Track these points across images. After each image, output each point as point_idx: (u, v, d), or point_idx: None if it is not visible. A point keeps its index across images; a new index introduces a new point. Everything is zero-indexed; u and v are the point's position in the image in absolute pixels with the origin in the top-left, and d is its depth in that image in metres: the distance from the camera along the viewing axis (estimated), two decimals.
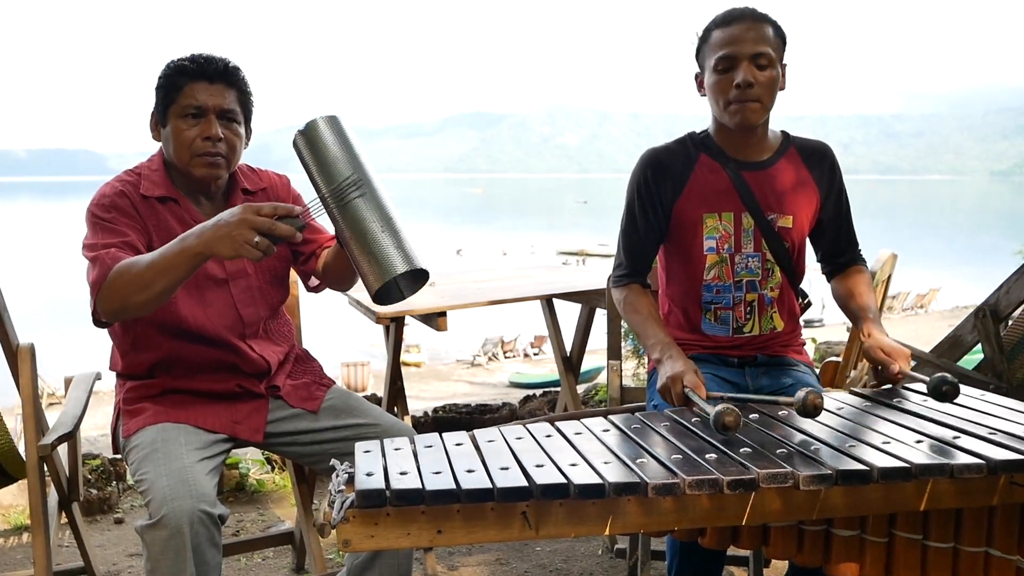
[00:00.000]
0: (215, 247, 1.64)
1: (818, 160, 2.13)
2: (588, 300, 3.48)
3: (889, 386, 1.86)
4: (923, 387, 1.73)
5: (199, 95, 1.93)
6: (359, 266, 1.63)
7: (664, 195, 2.08)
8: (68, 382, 2.49)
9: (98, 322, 1.86)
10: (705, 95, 2.07)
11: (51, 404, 14.06)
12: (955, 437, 1.48)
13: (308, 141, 1.67)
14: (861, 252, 2.23)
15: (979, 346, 3.59)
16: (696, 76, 2.10)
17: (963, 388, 1.81)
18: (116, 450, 2.05)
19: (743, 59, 1.96)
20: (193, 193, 2.00)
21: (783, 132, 2.15)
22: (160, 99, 1.97)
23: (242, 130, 2.00)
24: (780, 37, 2.02)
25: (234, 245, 1.62)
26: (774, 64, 1.99)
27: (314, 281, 2.12)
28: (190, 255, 1.67)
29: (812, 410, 1.59)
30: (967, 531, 1.44)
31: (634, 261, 2.15)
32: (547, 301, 3.65)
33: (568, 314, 3.81)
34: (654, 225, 2.11)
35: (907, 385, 1.84)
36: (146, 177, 1.98)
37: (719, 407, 1.49)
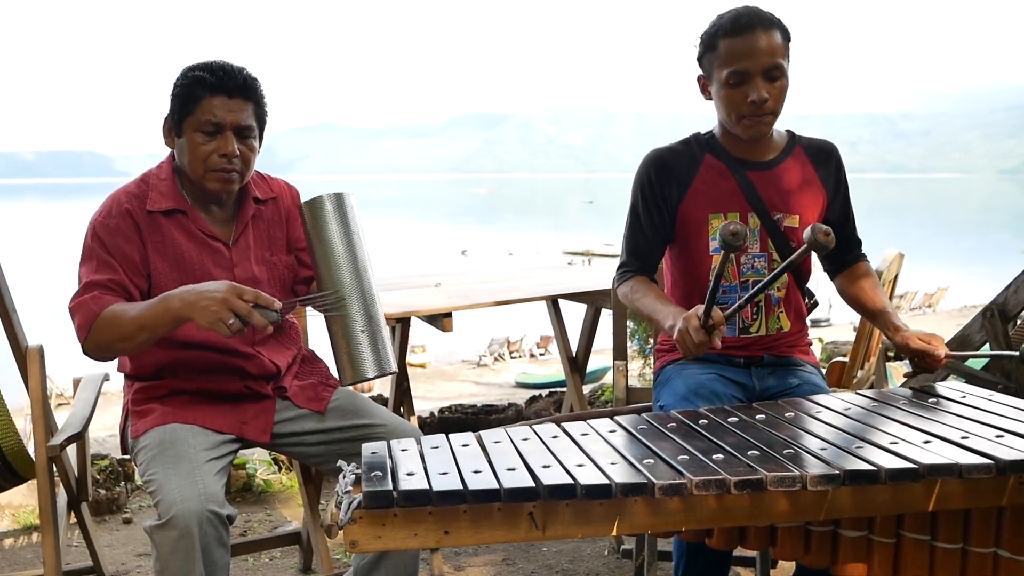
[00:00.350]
0: (194, 315, 1.74)
1: (824, 159, 2.12)
2: (594, 300, 3.48)
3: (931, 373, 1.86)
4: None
5: (217, 111, 1.91)
6: (336, 354, 1.80)
7: (669, 195, 2.08)
8: (76, 383, 2.50)
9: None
10: (710, 99, 2.05)
11: (60, 404, 14.11)
12: (963, 437, 1.47)
13: (313, 217, 1.80)
14: (863, 250, 2.22)
15: (987, 346, 3.58)
16: (699, 79, 2.06)
17: (970, 388, 1.80)
18: (125, 451, 2.06)
19: (756, 74, 1.93)
20: (203, 202, 2.00)
21: (788, 131, 2.14)
22: (176, 109, 1.95)
23: (257, 143, 2.00)
24: (786, 38, 1.99)
25: (210, 320, 1.72)
26: (784, 72, 1.96)
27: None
28: (172, 316, 1.78)
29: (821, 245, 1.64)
30: (976, 532, 1.44)
31: (640, 261, 2.13)
32: (552, 301, 3.65)
33: (574, 314, 3.81)
34: (659, 225, 2.10)
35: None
36: (154, 187, 1.97)
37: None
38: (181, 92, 1.93)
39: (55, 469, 2.23)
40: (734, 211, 2.05)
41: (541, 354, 22.94)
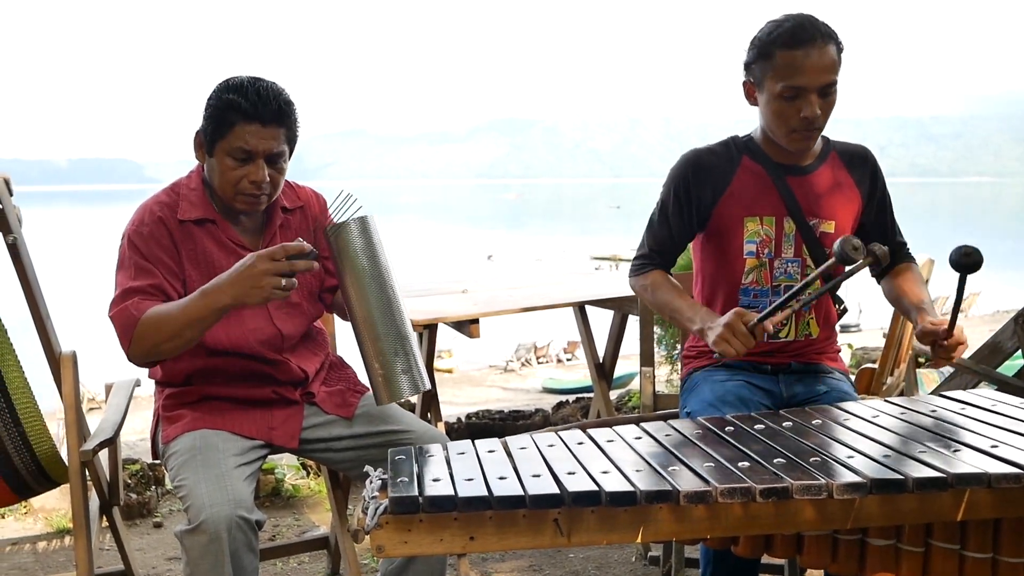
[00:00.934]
0: (245, 298, 1.75)
1: (859, 164, 2.11)
2: (621, 307, 3.48)
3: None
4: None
5: (250, 139, 1.89)
6: (372, 377, 1.82)
7: (703, 197, 2.07)
8: (108, 388, 2.54)
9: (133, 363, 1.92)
10: (755, 105, 2.03)
11: (91, 409, 14.29)
12: (993, 446, 1.46)
13: (337, 242, 1.81)
14: (909, 250, 2.20)
15: (1019, 352, 3.53)
16: (746, 84, 2.03)
17: (1002, 396, 1.78)
18: (155, 456, 2.09)
19: (811, 91, 1.91)
20: (232, 213, 2.01)
21: (824, 137, 2.13)
22: (208, 129, 1.93)
23: (286, 164, 1.99)
24: (840, 50, 1.94)
25: (263, 293, 1.73)
26: (836, 87, 1.94)
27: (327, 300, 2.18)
28: (220, 307, 1.78)
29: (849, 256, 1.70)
30: (1006, 541, 1.42)
31: (661, 255, 2.13)
32: (579, 307, 3.65)
33: (601, 320, 3.80)
34: (687, 225, 2.09)
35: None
36: (184, 197, 1.98)
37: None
38: (214, 115, 1.91)
39: (87, 474, 2.27)
40: (770, 215, 2.04)
41: (568, 359, 22.87)
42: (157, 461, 2.22)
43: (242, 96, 1.88)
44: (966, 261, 1.70)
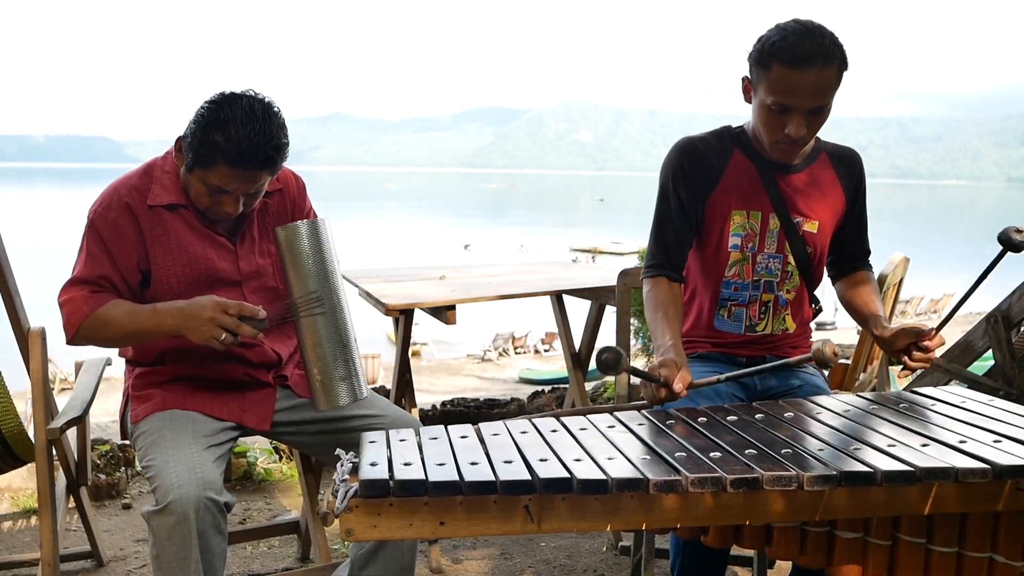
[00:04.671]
0: (186, 333, 1.82)
1: (848, 167, 2.11)
2: (597, 296, 3.48)
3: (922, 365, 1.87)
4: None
5: (231, 182, 1.83)
6: (311, 382, 1.85)
7: (700, 185, 2.05)
8: (79, 367, 2.51)
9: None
10: (751, 103, 2.00)
11: (63, 390, 14.16)
12: (961, 441, 1.47)
13: (286, 243, 1.81)
14: (870, 258, 2.22)
15: (990, 352, 3.57)
16: (745, 81, 1.98)
17: (971, 393, 1.80)
18: (124, 436, 2.06)
19: (799, 112, 1.88)
20: None
21: (815, 137, 2.12)
22: (190, 153, 1.84)
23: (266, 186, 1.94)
24: (843, 69, 1.89)
25: (201, 337, 1.81)
26: (829, 106, 1.91)
27: None
28: (164, 331, 1.86)
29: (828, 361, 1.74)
30: (971, 536, 1.44)
31: (668, 253, 2.07)
32: (557, 297, 3.65)
33: (578, 310, 3.80)
34: (691, 214, 2.05)
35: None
36: (157, 180, 1.93)
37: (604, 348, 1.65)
38: (198, 146, 1.81)
39: (55, 452, 2.24)
40: (757, 210, 2.04)
41: (546, 350, 22.92)
42: (127, 442, 2.20)
43: (230, 142, 1.77)
44: (1018, 239, 1.76)
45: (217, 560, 1.76)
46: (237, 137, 1.77)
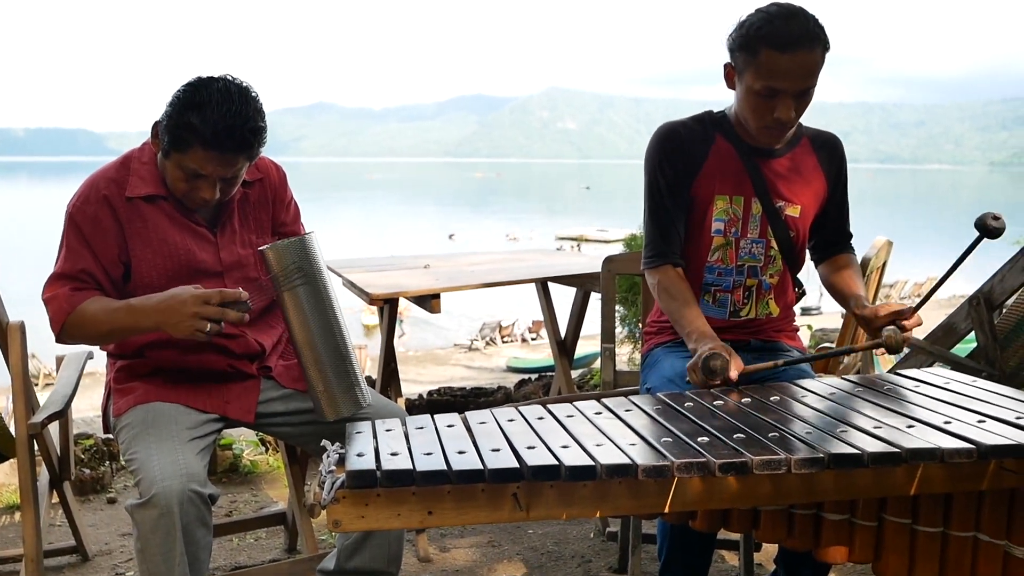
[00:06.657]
0: (168, 329, 1.77)
1: (829, 152, 2.12)
2: (583, 284, 3.48)
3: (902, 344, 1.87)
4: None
5: (206, 165, 1.80)
6: (312, 394, 1.83)
7: (685, 170, 2.05)
8: (60, 361, 2.49)
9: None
10: (733, 89, 2.00)
11: (47, 385, 14.07)
12: (946, 422, 1.48)
13: (276, 264, 1.76)
14: (851, 241, 2.23)
15: (972, 334, 3.59)
16: (727, 67, 1.98)
17: (955, 375, 1.81)
18: (107, 429, 2.04)
19: (788, 94, 1.88)
20: None
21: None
22: (165, 137, 1.82)
23: (244, 173, 1.91)
24: (826, 50, 1.90)
25: (184, 332, 1.75)
26: (814, 88, 1.92)
27: None
28: (141, 328, 1.83)
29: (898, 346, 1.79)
30: (956, 516, 1.45)
31: (665, 240, 2.08)
32: (542, 285, 3.65)
33: (564, 298, 3.80)
34: (680, 198, 2.06)
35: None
36: (135, 172, 1.91)
37: (707, 349, 1.68)
38: (173, 129, 1.79)
39: (36, 447, 2.22)
40: (739, 195, 2.04)
41: (533, 339, 22.95)
42: (110, 435, 2.18)
43: (205, 123, 1.75)
44: (994, 225, 1.78)
45: (202, 552, 1.74)
46: (213, 118, 1.75)
